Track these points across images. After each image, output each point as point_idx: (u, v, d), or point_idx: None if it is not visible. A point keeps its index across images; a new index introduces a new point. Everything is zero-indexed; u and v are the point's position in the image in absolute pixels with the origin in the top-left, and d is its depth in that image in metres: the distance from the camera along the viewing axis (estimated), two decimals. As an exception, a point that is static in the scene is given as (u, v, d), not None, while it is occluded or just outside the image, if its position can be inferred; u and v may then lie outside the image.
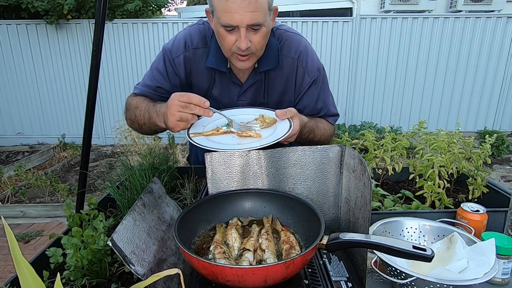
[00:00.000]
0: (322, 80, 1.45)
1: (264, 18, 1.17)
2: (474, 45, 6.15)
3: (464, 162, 1.37)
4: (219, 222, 1.05)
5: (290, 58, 1.39)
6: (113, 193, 1.26)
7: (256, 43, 1.21)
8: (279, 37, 1.40)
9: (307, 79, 1.41)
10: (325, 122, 1.47)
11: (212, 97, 1.43)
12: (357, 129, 6.20)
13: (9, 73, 6.36)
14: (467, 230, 1.06)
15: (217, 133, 1.17)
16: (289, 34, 1.41)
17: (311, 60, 1.41)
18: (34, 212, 3.92)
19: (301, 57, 1.39)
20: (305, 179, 1.10)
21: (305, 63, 1.40)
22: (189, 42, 1.37)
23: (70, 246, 0.88)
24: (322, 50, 6.24)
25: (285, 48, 1.39)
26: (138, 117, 1.34)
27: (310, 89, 1.43)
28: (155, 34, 6.24)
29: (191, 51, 1.37)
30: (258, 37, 1.20)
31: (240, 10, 1.11)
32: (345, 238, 0.81)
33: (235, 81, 1.41)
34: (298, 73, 1.40)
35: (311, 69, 1.41)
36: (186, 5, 14.46)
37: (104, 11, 1.72)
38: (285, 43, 1.39)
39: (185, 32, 1.40)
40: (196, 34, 1.38)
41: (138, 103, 1.36)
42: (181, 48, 1.37)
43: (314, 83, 1.42)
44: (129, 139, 4.61)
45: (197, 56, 1.38)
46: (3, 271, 2.95)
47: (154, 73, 1.41)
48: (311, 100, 1.44)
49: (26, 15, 6.23)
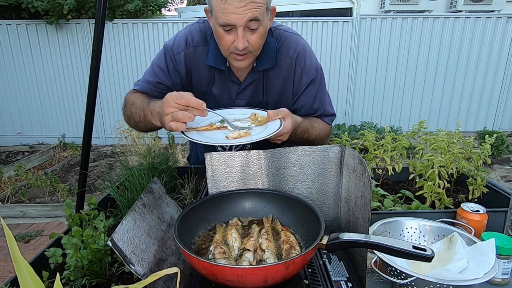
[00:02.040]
0: (319, 80, 1.46)
1: (262, 18, 1.18)
2: (474, 45, 6.15)
3: (464, 162, 1.37)
4: (219, 222, 1.05)
5: (288, 57, 1.40)
6: (113, 193, 1.26)
7: (253, 43, 1.22)
8: (278, 37, 1.40)
9: (305, 79, 1.42)
10: (321, 122, 1.48)
11: (211, 95, 1.44)
12: (357, 129, 6.20)
13: (9, 73, 6.36)
14: (467, 230, 1.06)
15: (211, 129, 1.20)
16: (288, 34, 1.42)
17: (309, 60, 1.42)
18: (34, 212, 3.92)
19: (299, 57, 1.40)
20: (305, 179, 1.11)
21: (303, 63, 1.41)
22: (189, 40, 1.38)
23: (70, 246, 0.88)
24: (322, 50, 6.24)
25: (284, 48, 1.40)
26: (133, 114, 1.33)
27: (307, 89, 1.43)
28: (155, 34, 6.24)
29: (192, 48, 1.38)
30: (255, 37, 1.21)
31: (237, 10, 1.12)
32: (345, 238, 0.81)
33: (234, 80, 1.41)
34: (296, 72, 1.41)
35: (309, 69, 1.42)
36: (186, 5, 14.46)
37: (104, 11, 1.72)
38: (283, 43, 1.40)
39: (186, 30, 1.41)
40: (196, 33, 1.39)
41: (134, 100, 1.35)
42: (182, 45, 1.38)
43: (312, 83, 1.43)
44: (129, 139, 4.61)
45: (197, 54, 1.38)
46: (3, 271, 2.95)
47: (155, 70, 1.41)
48: (308, 100, 1.45)
49: (26, 15, 6.23)
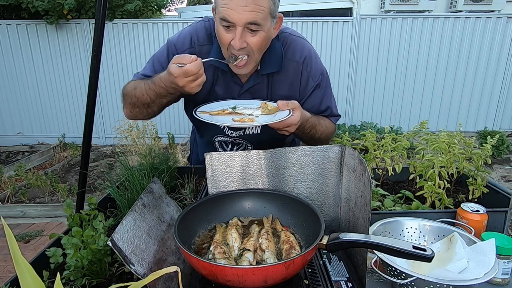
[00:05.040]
0: (325, 84, 1.47)
1: (263, 21, 1.17)
2: (474, 45, 6.14)
3: (464, 162, 1.37)
4: (219, 222, 1.05)
5: (294, 62, 1.39)
6: (113, 193, 1.26)
7: (253, 45, 1.21)
8: (284, 41, 1.40)
9: (311, 83, 1.42)
10: (327, 120, 1.50)
11: (214, 94, 1.44)
12: (357, 129, 6.19)
13: (9, 73, 6.35)
14: (467, 230, 1.06)
15: (222, 114, 1.27)
16: (294, 38, 1.42)
17: (315, 64, 1.42)
18: (34, 212, 3.92)
19: (305, 61, 1.40)
20: (305, 179, 1.11)
21: (309, 67, 1.41)
22: (195, 39, 1.37)
23: (70, 246, 0.88)
24: (322, 50, 6.24)
25: (290, 52, 1.39)
26: (140, 97, 1.29)
27: (314, 93, 1.44)
28: (155, 34, 6.23)
29: (197, 47, 1.37)
30: (255, 39, 1.20)
31: (238, 8, 1.12)
32: (345, 238, 0.81)
33: (236, 81, 1.41)
34: (303, 77, 1.41)
35: (315, 73, 1.42)
36: (186, 5, 14.46)
37: (104, 11, 1.72)
38: (289, 47, 1.40)
39: (191, 29, 1.40)
40: (202, 31, 1.38)
41: (135, 84, 1.33)
42: (186, 43, 1.37)
43: (318, 87, 1.44)
44: (129, 139, 4.61)
45: (202, 52, 1.37)
46: (3, 271, 2.95)
47: (155, 65, 1.40)
48: (315, 103, 1.46)
49: (26, 15, 6.23)
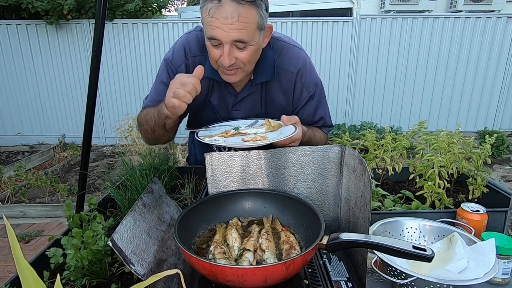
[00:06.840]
0: (319, 95, 1.47)
1: (251, 37, 1.15)
2: (474, 45, 6.14)
3: (464, 162, 1.37)
4: (219, 222, 1.05)
5: (289, 72, 1.39)
6: (113, 193, 1.26)
7: (242, 59, 1.20)
8: (279, 49, 1.39)
9: (305, 94, 1.43)
10: (320, 131, 1.51)
11: (210, 104, 1.44)
12: (357, 129, 6.20)
13: (9, 73, 6.35)
14: (467, 230, 1.06)
15: (226, 136, 1.24)
16: (289, 47, 1.40)
17: (309, 75, 1.42)
18: (34, 212, 3.92)
19: (300, 72, 1.39)
20: (305, 179, 1.11)
21: (304, 78, 1.40)
22: (188, 50, 1.38)
23: (70, 247, 0.88)
24: (322, 50, 6.24)
25: (285, 62, 1.38)
26: (149, 122, 1.33)
27: (307, 104, 1.45)
28: (155, 34, 6.23)
29: (190, 59, 1.38)
30: (244, 54, 1.19)
31: (223, 27, 1.11)
32: (345, 238, 0.81)
33: (230, 91, 1.41)
34: (296, 87, 1.41)
35: (309, 85, 1.42)
36: (186, 5, 14.46)
37: (104, 11, 1.72)
38: (285, 56, 1.39)
39: (183, 40, 1.40)
40: (194, 42, 1.38)
41: (147, 111, 1.36)
42: (181, 57, 1.38)
43: (311, 98, 1.44)
44: (129, 139, 4.61)
45: (196, 63, 1.36)
46: (3, 271, 2.95)
47: (159, 87, 1.41)
48: (309, 114, 1.46)
49: (26, 15, 6.22)
